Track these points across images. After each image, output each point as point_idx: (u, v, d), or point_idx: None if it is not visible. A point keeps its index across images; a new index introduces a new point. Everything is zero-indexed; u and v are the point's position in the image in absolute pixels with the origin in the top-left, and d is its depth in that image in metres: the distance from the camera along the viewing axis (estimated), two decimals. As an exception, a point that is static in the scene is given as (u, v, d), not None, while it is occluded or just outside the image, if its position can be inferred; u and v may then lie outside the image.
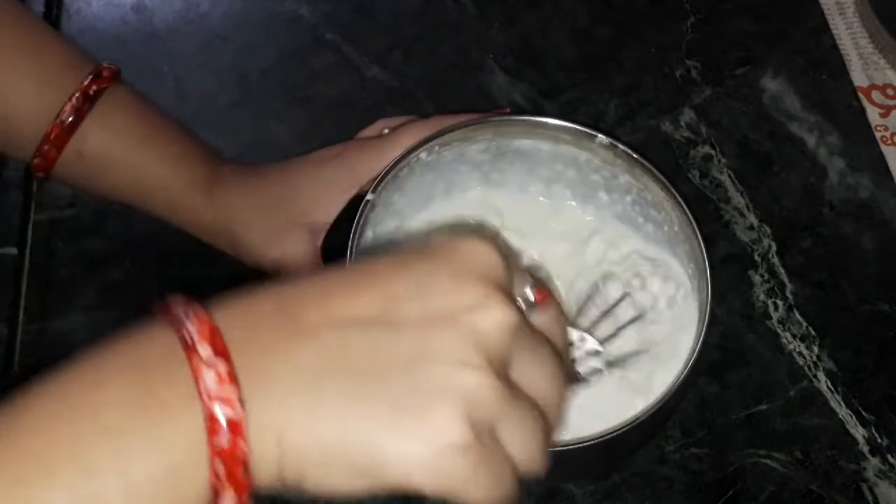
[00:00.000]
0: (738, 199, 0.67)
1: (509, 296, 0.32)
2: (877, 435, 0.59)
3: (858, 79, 0.74)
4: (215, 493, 0.28)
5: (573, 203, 0.61)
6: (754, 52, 0.75)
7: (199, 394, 0.28)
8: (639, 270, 0.58)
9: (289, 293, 0.31)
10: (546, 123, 0.58)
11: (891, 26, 0.74)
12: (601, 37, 0.76)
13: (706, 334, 0.51)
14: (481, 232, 0.51)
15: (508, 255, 0.32)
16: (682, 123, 0.71)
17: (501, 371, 0.31)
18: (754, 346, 0.61)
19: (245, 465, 0.28)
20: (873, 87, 0.74)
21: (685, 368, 0.51)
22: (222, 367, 0.28)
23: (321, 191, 0.57)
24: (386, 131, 0.60)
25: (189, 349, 0.29)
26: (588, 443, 0.49)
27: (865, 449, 0.58)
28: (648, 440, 0.56)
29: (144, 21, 0.74)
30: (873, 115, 0.72)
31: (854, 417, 0.59)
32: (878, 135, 0.71)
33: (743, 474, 0.57)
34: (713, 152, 0.70)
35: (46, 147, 0.53)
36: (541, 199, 0.61)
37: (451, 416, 0.29)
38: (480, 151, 0.60)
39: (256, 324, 0.30)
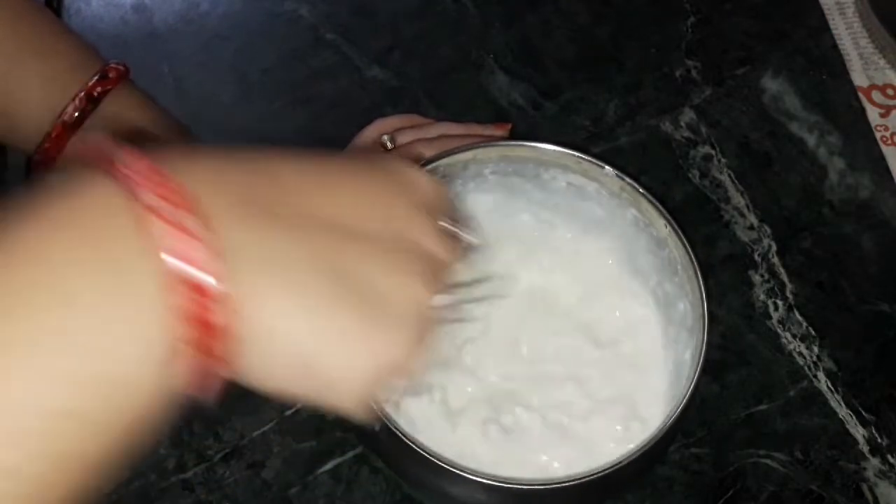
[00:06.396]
0: (738, 199, 0.67)
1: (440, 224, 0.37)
2: (877, 435, 0.59)
3: (858, 79, 0.74)
4: (175, 355, 0.27)
5: (570, 236, 0.60)
6: (754, 52, 0.75)
7: (166, 254, 0.27)
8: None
9: (264, 171, 0.31)
10: (552, 151, 0.57)
11: (891, 26, 0.74)
12: (601, 37, 0.76)
13: (700, 374, 0.49)
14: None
15: (444, 190, 0.38)
16: (682, 123, 0.71)
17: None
18: (754, 346, 0.61)
19: (210, 327, 0.27)
20: (873, 87, 0.74)
21: (680, 403, 0.49)
22: (200, 238, 0.27)
23: None
24: (385, 137, 0.60)
25: (153, 212, 0.27)
26: (581, 480, 0.47)
27: (865, 449, 0.58)
28: (643, 474, 0.54)
29: (144, 21, 0.74)
30: (873, 115, 0.72)
31: (854, 417, 0.59)
32: (878, 135, 0.71)
33: (743, 474, 0.57)
34: (713, 152, 0.70)
35: (48, 145, 0.53)
36: (536, 233, 0.60)
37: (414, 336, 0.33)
38: (484, 175, 0.59)
39: (231, 196, 0.29)
